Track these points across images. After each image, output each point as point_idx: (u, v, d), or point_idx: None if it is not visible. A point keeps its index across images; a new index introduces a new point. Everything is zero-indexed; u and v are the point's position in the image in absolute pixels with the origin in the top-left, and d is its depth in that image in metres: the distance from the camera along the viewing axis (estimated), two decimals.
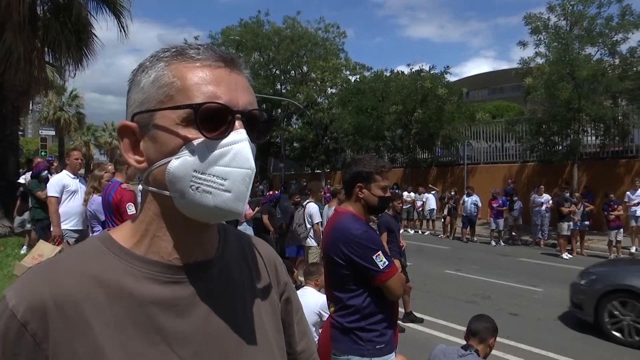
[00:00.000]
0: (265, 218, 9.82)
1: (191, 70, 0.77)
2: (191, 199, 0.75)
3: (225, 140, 0.76)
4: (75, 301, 0.72)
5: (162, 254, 0.80)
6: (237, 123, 0.77)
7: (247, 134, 0.77)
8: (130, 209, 4.52)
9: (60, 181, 5.83)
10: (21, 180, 10.42)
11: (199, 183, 0.75)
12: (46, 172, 8.71)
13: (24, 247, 9.32)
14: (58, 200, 5.77)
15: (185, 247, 0.81)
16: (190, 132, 0.75)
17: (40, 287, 0.72)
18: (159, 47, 0.82)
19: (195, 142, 0.75)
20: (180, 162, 0.75)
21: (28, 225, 9.44)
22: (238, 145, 0.76)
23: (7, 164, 11.79)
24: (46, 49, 13.28)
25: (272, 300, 0.93)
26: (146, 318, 0.75)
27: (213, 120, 0.75)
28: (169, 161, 0.76)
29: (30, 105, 17.52)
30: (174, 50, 0.80)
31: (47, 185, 6.22)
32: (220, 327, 0.82)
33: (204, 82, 0.77)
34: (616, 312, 6.18)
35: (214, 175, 0.75)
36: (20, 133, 13.32)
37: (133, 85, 0.81)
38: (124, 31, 14.09)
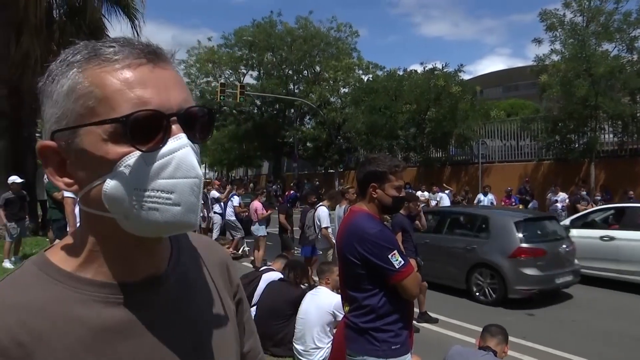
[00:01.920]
0: (282, 218, 9.86)
1: (110, 73, 0.67)
2: (137, 218, 0.67)
3: (163, 150, 0.67)
4: (18, 342, 0.65)
5: (111, 274, 0.73)
6: (175, 127, 0.68)
7: (188, 135, 0.69)
8: None
9: None
10: (45, 179, 10.26)
11: (142, 201, 0.66)
12: None
13: (6, 260, 8.76)
14: (74, 201, 5.85)
15: (137, 263, 0.74)
16: (122, 147, 0.66)
17: None
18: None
19: (129, 158, 0.66)
20: (117, 182, 0.66)
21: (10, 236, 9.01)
22: (179, 152, 0.67)
23: (25, 165, 11.97)
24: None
25: (228, 303, 0.88)
26: (102, 344, 0.69)
27: (146, 130, 0.66)
28: (104, 181, 0.67)
29: None
30: (86, 51, 0.69)
31: None
32: (182, 346, 0.76)
33: (127, 86, 0.67)
34: None
35: (158, 190, 0.66)
36: (37, 135, 13.53)
37: (44, 98, 0.71)
38: (137, 33, 14.24)
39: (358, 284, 2.51)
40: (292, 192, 17.61)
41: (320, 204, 8.22)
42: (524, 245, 7.52)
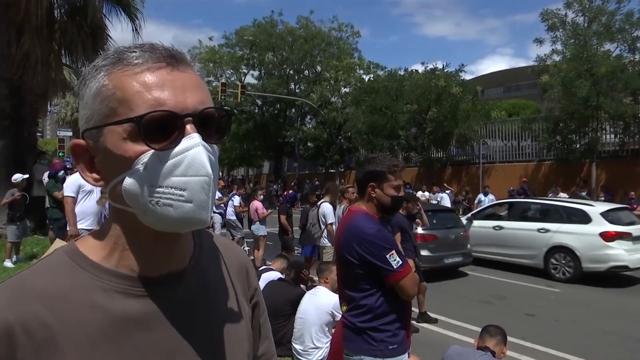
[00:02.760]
0: (282, 218, 9.82)
1: (131, 77, 0.72)
2: (153, 214, 0.71)
3: (177, 149, 0.71)
4: (43, 323, 0.69)
5: (133, 267, 0.77)
6: (189, 127, 0.72)
7: (204, 135, 0.73)
8: None
9: (76, 181, 5.90)
10: (45, 179, 10.18)
11: (157, 197, 0.71)
12: (63, 172, 8.83)
13: (7, 260, 8.76)
14: (74, 200, 5.85)
15: (157, 258, 0.78)
16: (140, 146, 0.71)
17: (4, 311, 0.69)
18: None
19: (145, 157, 0.71)
20: (134, 179, 0.71)
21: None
22: (191, 152, 0.71)
23: (26, 164, 11.98)
24: (63, 51, 13.48)
25: (244, 306, 0.91)
26: (120, 334, 0.72)
27: (161, 130, 0.70)
28: (124, 178, 0.72)
29: (48, 106, 17.77)
30: (112, 57, 0.75)
31: (64, 185, 6.31)
32: (198, 341, 0.79)
33: (146, 88, 0.71)
34: None
35: (171, 187, 0.70)
36: (39, 134, 13.56)
37: (80, 100, 0.77)
38: (138, 32, 14.25)
39: (356, 284, 2.51)
40: (291, 191, 17.59)
41: (323, 200, 8.23)
42: (419, 231, 8.76)
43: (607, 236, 9.05)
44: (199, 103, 0.74)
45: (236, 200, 11.49)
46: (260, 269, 6.55)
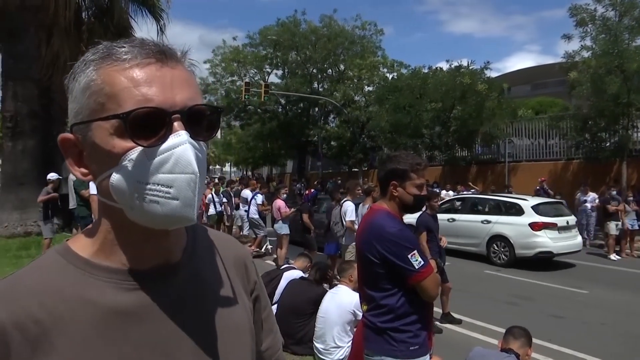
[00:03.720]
0: (305, 217, 9.85)
1: (120, 72, 0.72)
2: (139, 210, 0.72)
3: (164, 146, 0.70)
4: (36, 320, 0.70)
5: (123, 261, 0.77)
6: (176, 124, 0.71)
7: (192, 132, 0.72)
8: None
9: None
10: (72, 177, 10.50)
11: (144, 194, 0.71)
12: None
13: None
14: None
15: (147, 252, 0.78)
16: (127, 142, 0.71)
17: None
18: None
19: (132, 153, 0.70)
20: (121, 175, 0.71)
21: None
22: (178, 149, 0.70)
23: (55, 163, 12.27)
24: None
25: (243, 299, 0.90)
26: (113, 327, 0.73)
27: (148, 126, 0.70)
28: (111, 174, 0.72)
29: None
30: (101, 52, 0.74)
31: (90, 183, 6.43)
32: (193, 333, 0.79)
33: (134, 84, 0.71)
34: None
35: (158, 184, 0.70)
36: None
37: (68, 94, 0.76)
38: (163, 32, 14.46)
39: (376, 283, 2.48)
40: (313, 190, 17.57)
41: (345, 198, 8.26)
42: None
43: (535, 226, 10.60)
44: (187, 99, 0.73)
45: (259, 198, 11.55)
46: (282, 267, 6.57)
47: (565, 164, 18.70)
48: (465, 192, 17.38)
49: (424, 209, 6.16)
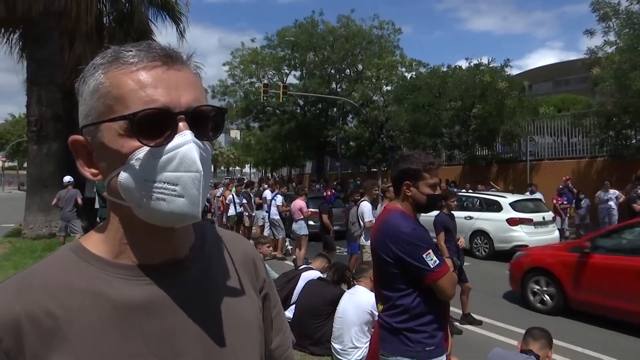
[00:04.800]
0: (325, 217, 9.85)
1: (127, 75, 0.75)
2: (147, 207, 0.74)
3: (169, 146, 0.73)
4: (49, 313, 0.73)
5: (132, 257, 0.80)
6: (181, 124, 0.74)
7: (197, 132, 0.75)
8: None
9: None
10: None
11: (151, 191, 0.74)
12: None
13: None
14: None
15: (156, 248, 0.81)
16: (135, 142, 0.74)
17: (11, 302, 0.72)
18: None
19: (139, 152, 0.74)
20: (129, 173, 0.74)
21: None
22: (183, 148, 0.73)
23: (76, 166, 12.54)
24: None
25: (252, 296, 0.92)
26: (124, 320, 0.75)
27: (154, 127, 0.73)
28: (119, 173, 0.75)
29: None
30: (109, 56, 0.78)
31: None
32: (201, 326, 0.81)
33: (140, 86, 0.74)
34: None
35: (164, 182, 0.73)
36: None
37: (78, 97, 0.80)
38: (182, 36, 14.61)
39: (391, 283, 2.47)
40: (333, 191, 17.55)
41: (363, 199, 8.26)
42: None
43: (512, 222, 11.55)
44: (192, 101, 0.76)
45: (279, 199, 11.60)
46: (301, 267, 6.58)
47: (589, 162, 18.31)
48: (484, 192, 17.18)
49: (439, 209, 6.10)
